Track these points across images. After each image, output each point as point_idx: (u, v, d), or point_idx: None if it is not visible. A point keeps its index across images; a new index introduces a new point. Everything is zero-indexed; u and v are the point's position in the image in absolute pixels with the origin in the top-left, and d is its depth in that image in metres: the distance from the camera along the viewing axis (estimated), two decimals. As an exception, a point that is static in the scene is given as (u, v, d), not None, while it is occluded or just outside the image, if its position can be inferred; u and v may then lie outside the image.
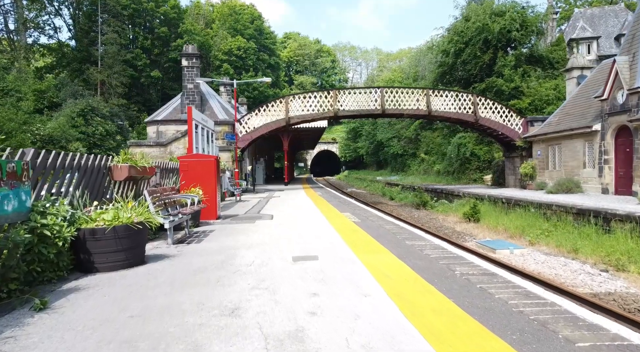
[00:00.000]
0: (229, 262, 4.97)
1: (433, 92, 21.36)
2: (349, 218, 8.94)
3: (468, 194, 20.36)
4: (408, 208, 22.66)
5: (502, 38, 26.81)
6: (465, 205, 19.09)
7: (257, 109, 21.34)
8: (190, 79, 24.42)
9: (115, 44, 48.32)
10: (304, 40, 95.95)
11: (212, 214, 8.88)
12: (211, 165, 8.84)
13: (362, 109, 21.22)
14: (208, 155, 9.08)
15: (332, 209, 11.02)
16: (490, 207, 17.31)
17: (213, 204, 8.83)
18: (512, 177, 22.73)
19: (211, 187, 8.79)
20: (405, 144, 42.99)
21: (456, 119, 21.64)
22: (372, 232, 7.04)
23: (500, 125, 21.34)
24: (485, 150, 27.79)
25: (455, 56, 29.20)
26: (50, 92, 38.07)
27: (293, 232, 7.13)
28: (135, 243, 4.80)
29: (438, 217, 18.61)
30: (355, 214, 9.83)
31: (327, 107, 21.21)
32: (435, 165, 35.31)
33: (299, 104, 21.29)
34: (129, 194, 6.67)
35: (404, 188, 30.78)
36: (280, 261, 4.93)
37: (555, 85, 25.13)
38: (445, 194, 23.40)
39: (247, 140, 20.90)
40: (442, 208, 20.67)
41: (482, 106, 21.37)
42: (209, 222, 8.75)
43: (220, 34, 63.12)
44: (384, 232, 7.17)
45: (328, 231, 7.12)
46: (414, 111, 21.18)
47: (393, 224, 8.14)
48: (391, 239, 6.41)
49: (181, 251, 5.74)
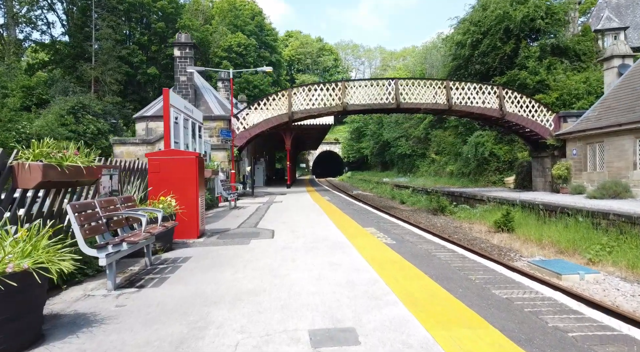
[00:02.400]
0: (191, 347, 2.66)
1: (454, 84, 19.05)
2: (378, 237, 6.62)
3: (493, 198, 18.04)
4: (424, 214, 20.37)
5: (524, 27, 24.47)
6: (493, 211, 16.80)
7: (257, 102, 19.05)
8: (183, 71, 22.16)
9: (110, 40, 46.56)
10: (306, 39, 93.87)
11: (192, 230, 6.60)
12: (191, 166, 6.55)
13: (373, 102, 18.92)
14: (187, 152, 6.81)
15: (349, 222, 8.70)
16: (523, 215, 15.01)
17: (193, 217, 6.54)
18: (540, 180, 20.39)
19: (190, 194, 6.51)
20: (414, 143, 40.63)
21: (479, 114, 19.31)
22: (430, 271, 4.64)
23: (529, 121, 19.02)
24: (506, 150, 25.44)
25: (472, 48, 26.86)
26: (39, 88, 36.20)
27: (305, 266, 4.81)
28: (11, 312, 2.51)
29: (462, 226, 16.30)
30: (383, 229, 7.52)
31: (335, 101, 18.91)
32: (448, 166, 32.96)
33: (303, 98, 19.00)
34: (54, 208, 4.38)
35: (415, 191, 28.47)
36: (289, 348, 2.61)
37: (586, 78, 22.78)
38: (465, 198, 21.07)
39: (245, 138, 18.61)
40: (464, 214, 18.37)
41: (509, 100, 19.05)
42: (187, 242, 6.46)
43: (220, 30, 60.95)
44: (443, 265, 4.85)
45: (358, 265, 4.80)
46: (432, 105, 18.86)
47: (445, 248, 5.80)
48: (469, 286, 4.06)
49: (122, 308, 3.44)
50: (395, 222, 8.50)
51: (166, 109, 7.55)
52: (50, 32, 56.97)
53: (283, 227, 7.99)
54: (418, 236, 6.78)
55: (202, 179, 6.97)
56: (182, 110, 8.58)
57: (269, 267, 4.75)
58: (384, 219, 9.16)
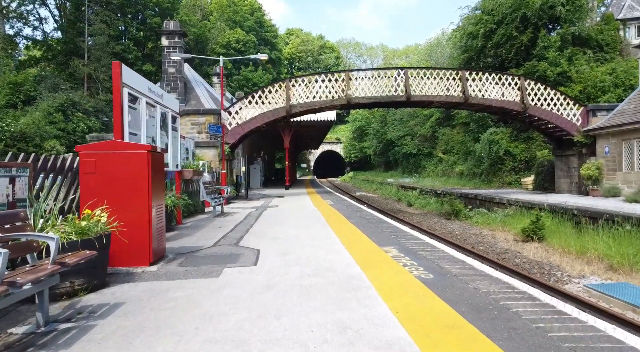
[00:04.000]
0: None
1: (470, 74, 17.10)
2: (405, 266, 4.68)
3: (515, 201, 16.10)
4: (435, 218, 18.42)
5: (543, 15, 22.51)
6: (517, 216, 14.88)
7: (251, 95, 17.12)
8: (172, 62, 20.28)
9: (103, 35, 44.99)
10: (307, 36, 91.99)
11: (142, 254, 4.69)
12: (139, 164, 4.64)
13: (381, 95, 16.99)
14: (134, 145, 4.90)
15: (359, 236, 6.78)
16: (554, 221, 13.08)
17: (142, 236, 4.63)
18: (564, 180, 18.44)
19: (138, 203, 4.60)
20: (420, 142, 38.64)
21: (498, 108, 17.36)
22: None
23: (553, 115, 17.07)
24: (522, 148, 23.48)
25: (485, 38, 24.91)
26: (27, 85, 34.58)
27: (297, 334, 2.88)
28: None
29: (482, 233, 14.35)
30: (408, 250, 5.59)
31: (338, 94, 17.00)
32: (457, 166, 30.99)
33: (303, 90, 17.09)
34: None
35: (423, 192, 26.55)
36: None
37: (612, 69, 20.82)
38: (481, 200, 19.14)
39: (238, 134, 16.71)
40: (481, 219, 16.44)
41: (532, 92, 17.11)
42: (133, 272, 4.56)
43: (218, 26, 59.13)
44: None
45: (390, 335, 2.85)
46: (446, 98, 16.92)
47: (517, 291, 3.87)
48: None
49: None
50: (420, 239, 6.55)
51: (116, 88, 5.65)
52: (42, 28, 55.14)
53: (273, 245, 6.08)
54: (459, 262, 4.84)
55: (159, 181, 5.06)
56: (145, 93, 6.68)
57: (235, 335, 2.83)
58: (403, 232, 7.21)
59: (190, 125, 16.38)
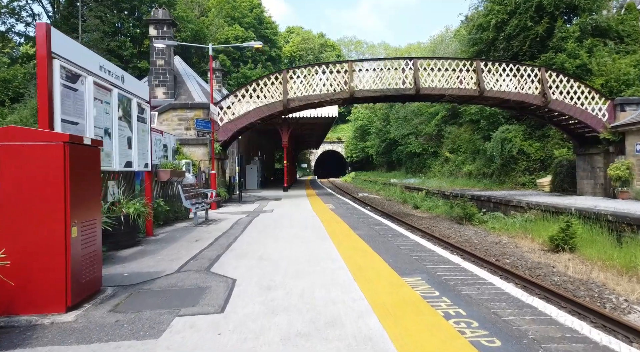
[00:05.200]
0: None
1: (485, 64, 15.54)
2: (444, 314, 3.16)
3: (535, 205, 14.56)
4: (446, 223, 16.87)
5: (560, 3, 20.96)
6: (539, 222, 13.34)
7: (244, 87, 15.57)
8: (160, 53, 18.79)
9: (97, 31, 43.67)
10: (308, 34, 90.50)
11: (51, 295, 3.15)
12: (49, 160, 3.11)
13: (387, 87, 15.44)
14: (44, 133, 3.37)
15: (372, 257, 5.23)
16: (585, 228, 11.54)
17: (51, 268, 3.10)
18: (588, 182, 16.87)
19: (44, 222, 3.06)
20: (425, 141, 37.04)
21: (516, 102, 15.79)
22: None
23: (577, 110, 15.50)
24: (537, 147, 21.90)
25: (497, 30, 23.34)
26: (16, 81, 33.24)
27: None
28: None
29: (502, 241, 12.78)
30: (442, 284, 4.05)
31: (340, 86, 15.46)
32: (465, 165, 29.41)
33: (302, 82, 15.54)
34: None
35: (430, 194, 25.01)
36: None
37: (636, 61, 19.24)
38: (495, 203, 17.58)
39: (230, 131, 15.16)
40: (498, 224, 14.90)
41: (553, 84, 15.54)
42: (35, 323, 3.04)
43: (216, 23, 57.64)
44: None
45: None
46: (459, 91, 15.36)
47: None
48: None
49: None
50: (452, 262, 4.95)
51: (41, 59, 4.12)
52: (35, 24, 53.73)
53: (255, 271, 4.55)
54: (526, 307, 3.30)
55: (89, 187, 3.52)
56: (93, 71, 5.15)
57: None
58: (427, 251, 5.63)
59: (177, 121, 14.86)
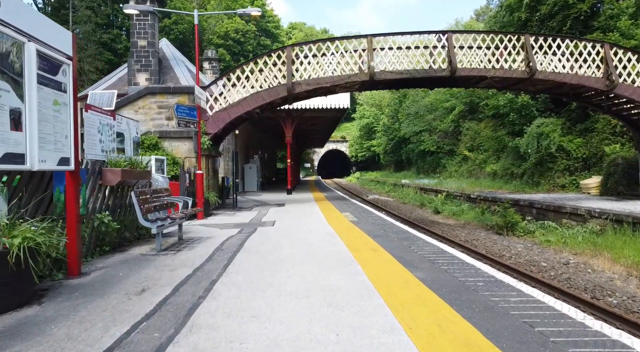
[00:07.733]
0: None
1: (535, 40, 12.64)
2: None
3: (600, 212, 11.67)
4: (482, 233, 13.99)
5: (608, -24, 18.16)
6: (610, 236, 10.49)
7: (240, 68, 12.70)
8: (143, 33, 15.99)
9: (89, 23, 41.11)
10: (311, 31, 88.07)
11: None
12: None
13: (416, 68, 12.56)
14: None
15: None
16: None
17: None
18: (655, 184, 13.98)
19: None
20: (440, 138, 34.14)
21: (573, 86, 12.89)
22: None
23: (649, 96, 12.62)
24: (579, 143, 18.99)
25: (530, 10, 20.48)
26: None
27: None
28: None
29: (570, 261, 9.90)
30: None
31: (357, 66, 12.61)
32: (488, 165, 26.52)
33: (310, 63, 12.68)
34: None
35: (451, 196, 22.15)
36: None
37: (703, 41, 16.36)
38: (539, 209, 14.69)
39: (222, 122, 12.31)
40: (553, 237, 12.02)
41: (620, 64, 12.65)
42: None
43: (216, 15, 54.82)
44: None
45: None
46: (504, 73, 12.46)
47: None
48: None
49: None
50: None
51: None
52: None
53: None
54: None
55: None
56: None
57: None
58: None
59: (156, 109, 12.03)
